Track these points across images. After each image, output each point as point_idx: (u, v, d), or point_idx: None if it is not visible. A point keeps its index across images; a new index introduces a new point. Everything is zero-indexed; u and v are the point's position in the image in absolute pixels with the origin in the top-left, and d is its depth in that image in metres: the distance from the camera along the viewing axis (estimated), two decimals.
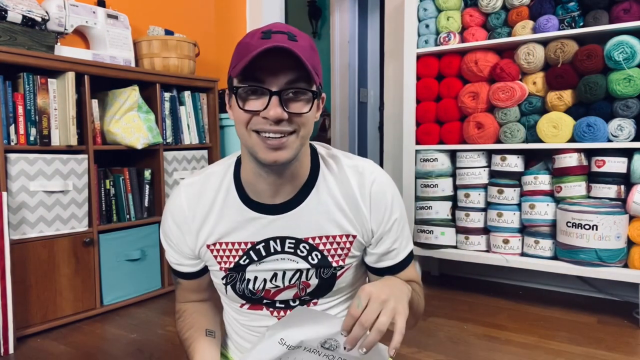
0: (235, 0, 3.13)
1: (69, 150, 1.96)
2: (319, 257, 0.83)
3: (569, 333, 1.79)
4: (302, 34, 0.74)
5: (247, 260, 0.84)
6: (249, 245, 0.83)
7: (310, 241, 0.82)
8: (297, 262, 0.83)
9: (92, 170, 2.02)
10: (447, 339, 1.76)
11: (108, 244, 2.08)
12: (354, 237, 0.83)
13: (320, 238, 0.82)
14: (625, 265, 1.86)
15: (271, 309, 0.88)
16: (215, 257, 0.85)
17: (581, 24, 1.93)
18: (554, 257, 1.99)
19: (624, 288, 2.06)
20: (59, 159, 1.90)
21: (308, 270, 0.84)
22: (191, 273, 0.91)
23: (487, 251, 2.17)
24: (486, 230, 2.18)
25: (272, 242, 0.83)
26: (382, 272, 0.88)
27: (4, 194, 1.68)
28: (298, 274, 0.84)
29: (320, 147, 0.87)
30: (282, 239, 0.82)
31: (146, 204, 2.28)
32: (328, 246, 0.83)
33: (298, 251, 0.83)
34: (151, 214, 2.31)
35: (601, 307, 2.06)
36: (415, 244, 2.28)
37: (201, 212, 0.84)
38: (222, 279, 0.86)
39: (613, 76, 1.82)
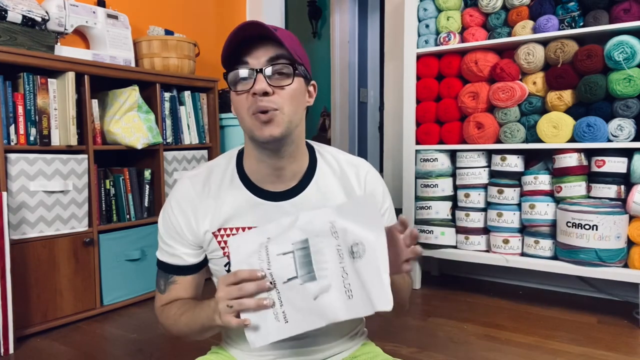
0: (235, 1, 3.14)
1: (69, 150, 1.96)
2: None
3: (569, 333, 1.79)
4: (282, 28, 0.84)
5: None
6: None
7: None
8: None
9: (92, 170, 2.02)
10: (447, 339, 1.76)
11: (108, 244, 2.08)
12: None
13: None
14: (625, 265, 1.86)
15: None
16: (219, 242, 0.89)
17: (581, 24, 1.93)
18: (554, 257, 1.99)
19: (624, 288, 2.06)
20: (59, 159, 1.90)
21: None
22: (191, 266, 0.91)
23: (487, 251, 2.17)
24: (486, 230, 2.18)
25: None
26: None
27: (4, 194, 1.68)
28: None
29: (315, 145, 0.96)
30: None
31: (146, 204, 2.28)
32: None
33: None
34: (151, 214, 2.31)
35: (601, 307, 2.06)
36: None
37: (206, 198, 0.89)
38: (225, 265, 0.90)
39: (613, 76, 1.83)
